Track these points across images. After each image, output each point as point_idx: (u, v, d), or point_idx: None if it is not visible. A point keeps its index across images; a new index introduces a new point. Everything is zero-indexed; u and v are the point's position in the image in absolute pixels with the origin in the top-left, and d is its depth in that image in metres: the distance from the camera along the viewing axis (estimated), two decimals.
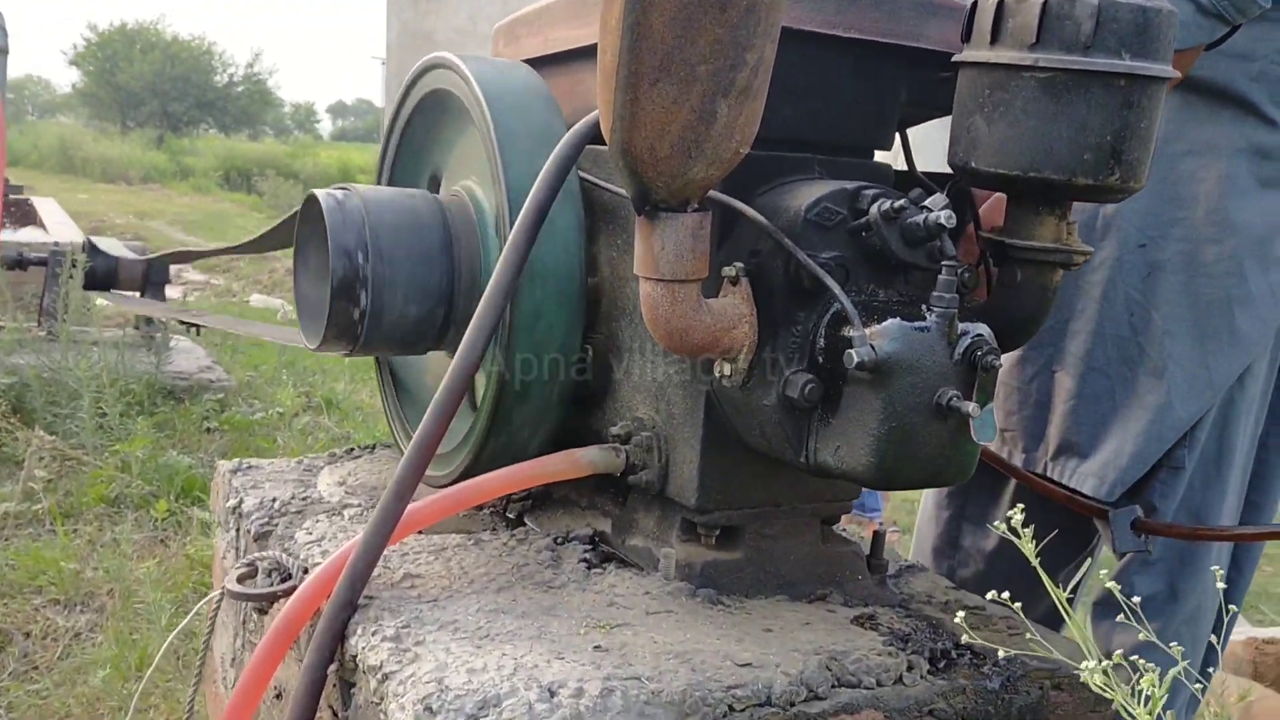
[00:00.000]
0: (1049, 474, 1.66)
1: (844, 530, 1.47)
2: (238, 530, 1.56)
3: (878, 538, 1.36)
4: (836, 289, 1.05)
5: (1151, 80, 1.05)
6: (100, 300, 4.88)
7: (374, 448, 1.81)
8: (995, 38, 1.08)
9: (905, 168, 1.39)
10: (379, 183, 1.65)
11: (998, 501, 1.79)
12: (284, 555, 1.31)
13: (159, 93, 31.91)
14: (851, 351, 1.02)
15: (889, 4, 1.23)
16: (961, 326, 1.06)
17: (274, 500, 1.53)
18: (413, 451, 1.15)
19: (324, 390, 4.86)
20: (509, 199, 1.28)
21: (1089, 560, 1.82)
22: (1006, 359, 1.70)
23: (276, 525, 1.47)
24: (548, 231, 1.25)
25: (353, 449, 1.81)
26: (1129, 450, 1.58)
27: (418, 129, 1.56)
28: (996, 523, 0.94)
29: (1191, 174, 1.53)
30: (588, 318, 1.37)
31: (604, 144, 1.19)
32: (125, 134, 28.09)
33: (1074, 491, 1.59)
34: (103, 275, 4.64)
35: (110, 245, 4.72)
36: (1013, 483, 1.78)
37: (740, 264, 1.12)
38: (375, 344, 1.40)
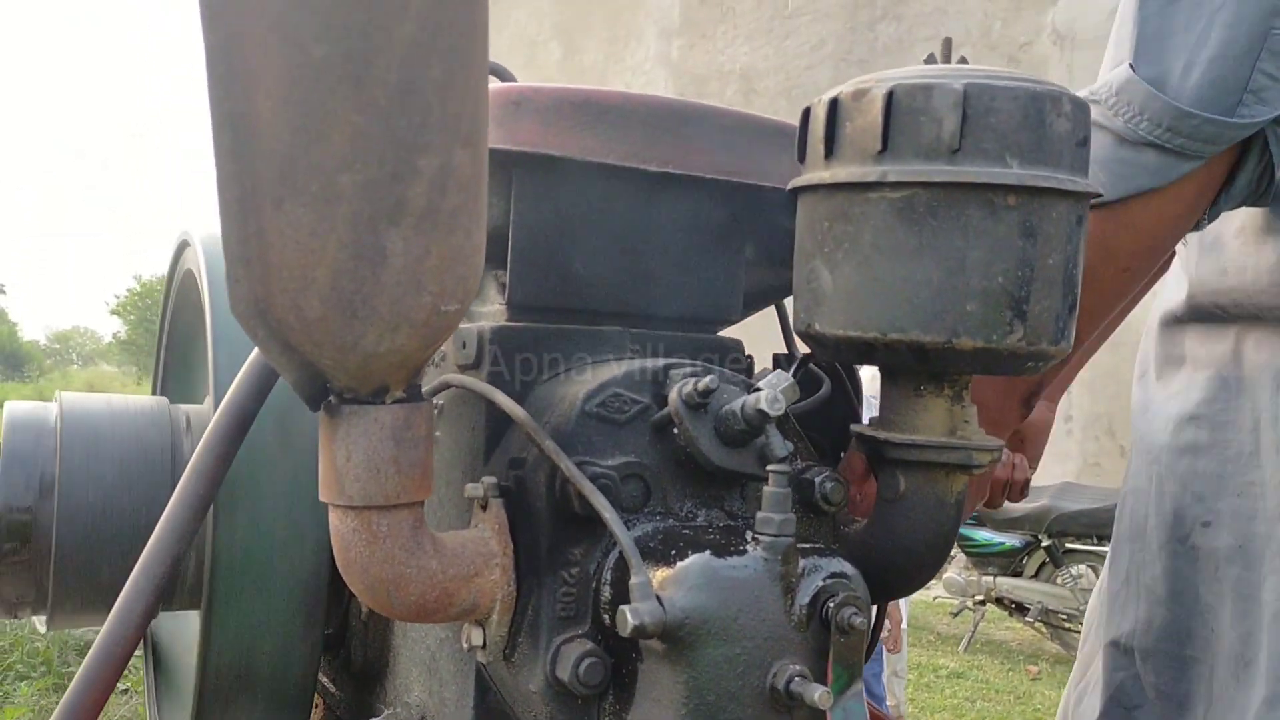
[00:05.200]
0: None
1: None
2: None
3: None
4: (606, 511, 0.70)
5: (1057, 195, 0.73)
6: None
7: None
8: (831, 150, 0.77)
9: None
10: (154, 392, 1.33)
11: None
12: None
13: None
14: (626, 610, 0.66)
15: (719, 134, 0.93)
16: (807, 563, 0.70)
17: None
18: None
19: None
20: (215, 404, 0.95)
21: None
22: None
23: None
24: (264, 443, 0.92)
25: None
26: None
27: (180, 321, 1.25)
28: None
29: None
30: None
31: None
32: None
33: None
34: None
35: None
36: None
37: (491, 480, 0.78)
38: (72, 609, 1.04)
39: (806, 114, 0.81)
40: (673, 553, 0.70)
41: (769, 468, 0.70)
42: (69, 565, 1.00)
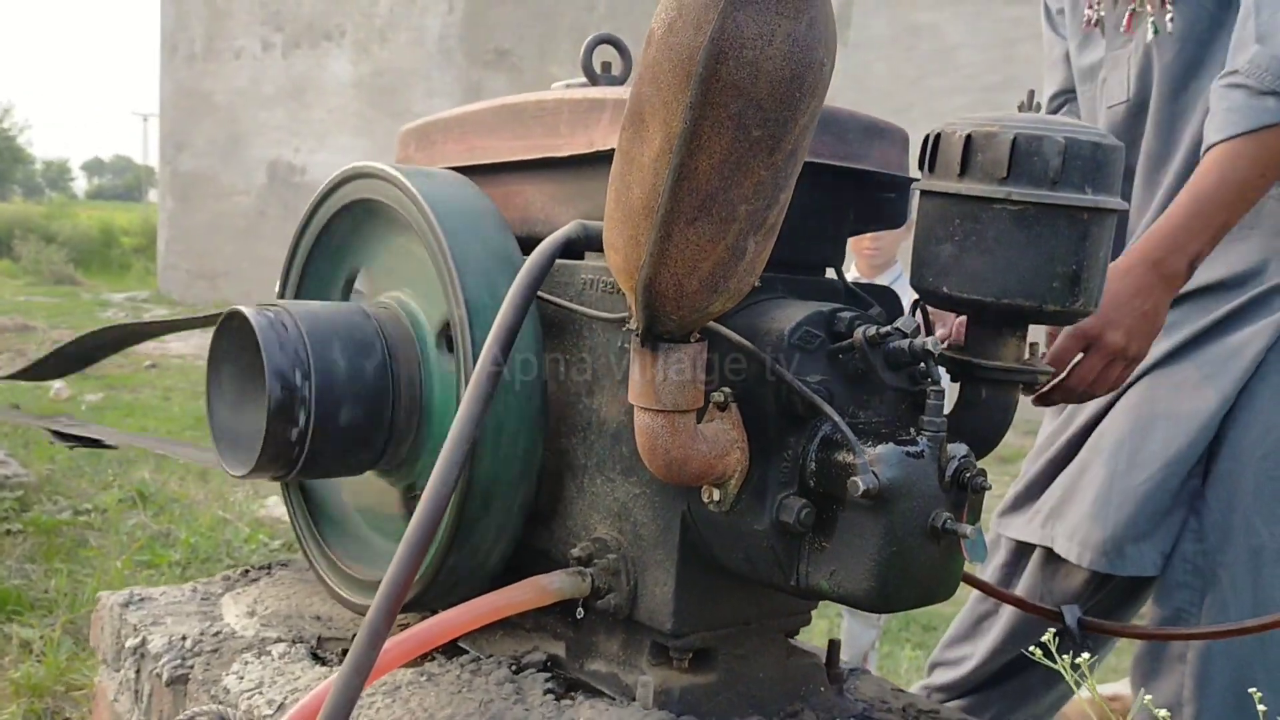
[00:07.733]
0: None
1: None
2: (138, 672, 1.43)
3: (833, 646, 1.37)
4: (835, 416, 1.06)
5: (1108, 213, 1.12)
6: None
7: (270, 568, 1.69)
8: (964, 170, 1.13)
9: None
10: (283, 289, 1.56)
11: None
12: (224, 708, 1.20)
13: None
14: (856, 479, 1.03)
15: (837, 128, 1.27)
16: (948, 448, 1.09)
17: (183, 638, 1.40)
18: (385, 593, 1.07)
19: (132, 482, 4.53)
20: (469, 316, 1.23)
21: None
22: None
23: (192, 667, 1.35)
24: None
25: (248, 570, 1.68)
26: None
27: (334, 238, 1.49)
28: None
29: None
30: None
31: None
32: None
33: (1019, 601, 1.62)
34: None
35: None
36: None
37: (728, 390, 1.12)
38: (312, 469, 1.32)
39: (936, 139, 1.16)
40: (862, 441, 1.07)
41: (931, 388, 1.07)
42: (321, 432, 1.28)
